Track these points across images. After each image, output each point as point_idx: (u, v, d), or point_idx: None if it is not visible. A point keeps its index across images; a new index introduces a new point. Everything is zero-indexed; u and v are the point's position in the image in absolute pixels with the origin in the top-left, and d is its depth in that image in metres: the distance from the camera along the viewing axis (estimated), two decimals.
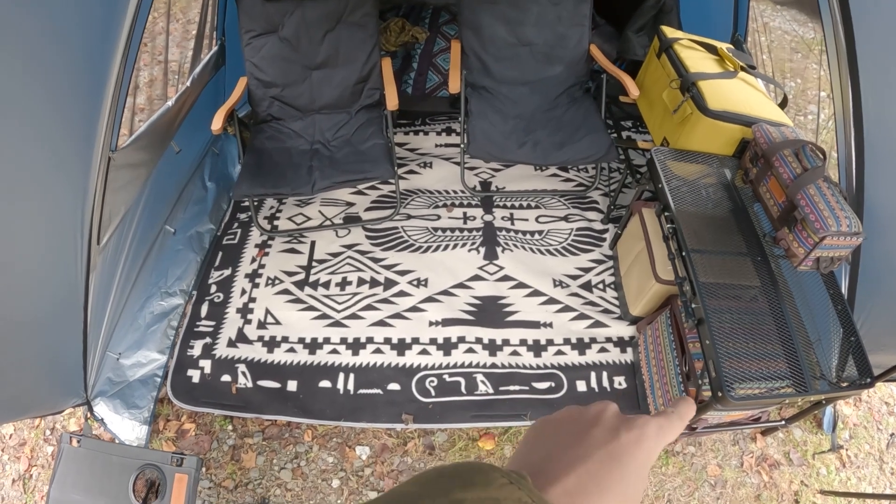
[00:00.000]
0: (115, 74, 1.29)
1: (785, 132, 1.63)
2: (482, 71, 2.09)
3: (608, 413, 0.31)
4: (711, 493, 1.68)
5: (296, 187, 1.81)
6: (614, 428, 0.29)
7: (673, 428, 0.32)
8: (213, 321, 1.85)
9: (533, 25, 2.04)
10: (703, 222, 1.59)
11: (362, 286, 1.91)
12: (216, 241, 2.07)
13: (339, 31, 1.98)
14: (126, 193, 1.61)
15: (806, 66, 2.95)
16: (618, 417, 0.30)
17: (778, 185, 1.55)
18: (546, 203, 2.18)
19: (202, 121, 1.93)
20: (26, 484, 1.70)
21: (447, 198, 2.19)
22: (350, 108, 2.06)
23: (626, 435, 0.29)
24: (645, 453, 0.29)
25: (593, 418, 0.30)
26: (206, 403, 1.69)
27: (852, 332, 1.44)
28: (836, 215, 1.40)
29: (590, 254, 2.02)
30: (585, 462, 0.27)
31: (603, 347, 1.80)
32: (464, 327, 1.81)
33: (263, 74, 1.98)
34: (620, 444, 0.28)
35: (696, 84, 1.72)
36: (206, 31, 1.99)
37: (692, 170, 1.72)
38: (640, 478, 0.28)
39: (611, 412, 0.31)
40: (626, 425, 0.30)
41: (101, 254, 1.53)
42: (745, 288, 1.49)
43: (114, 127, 1.39)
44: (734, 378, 1.28)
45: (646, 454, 0.29)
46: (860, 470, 1.80)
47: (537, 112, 2.07)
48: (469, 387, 1.70)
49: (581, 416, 0.30)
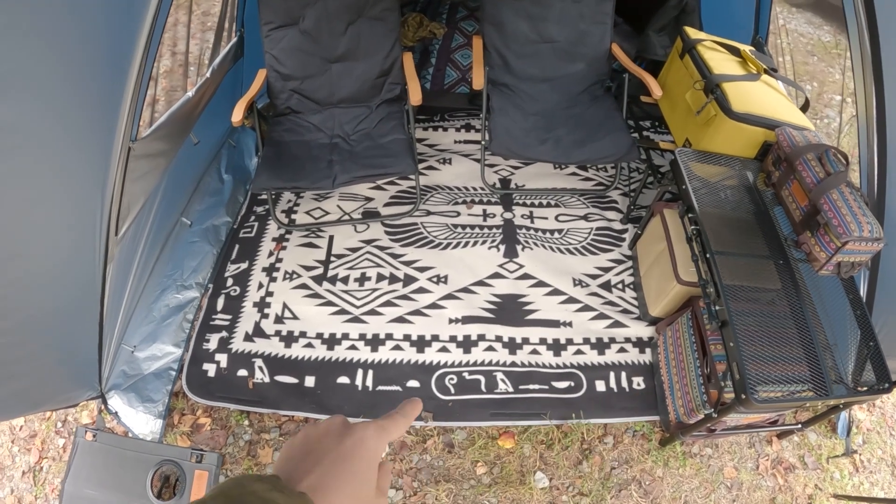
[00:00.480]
0: (137, 64, 1.28)
1: (808, 136, 1.63)
2: (503, 67, 2.08)
3: (334, 424, 0.37)
4: (728, 495, 1.68)
5: (315, 181, 1.79)
6: (339, 435, 0.36)
7: (397, 426, 0.39)
8: (229, 315, 1.83)
9: (555, 22, 2.03)
10: (725, 224, 1.59)
11: (381, 282, 1.90)
12: (233, 233, 2.05)
13: (359, 24, 1.97)
14: (144, 184, 1.59)
15: (822, 70, 2.96)
16: (342, 426, 0.37)
17: (801, 189, 1.55)
18: (565, 202, 2.17)
19: (220, 112, 1.91)
20: (36, 476, 1.68)
21: (466, 194, 2.18)
22: (370, 102, 2.05)
23: (350, 439, 0.36)
24: (368, 451, 0.36)
25: (324, 431, 0.37)
26: (222, 398, 1.68)
27: (871, 336, 1.44)
28: (858, 220, 1.40)
29: (609, 253, 2.02)
30: (320, 464, 0.34)
31: (622, 347, 1.80)
32: (484, 325, 1.80)
33: (283, 67, 1.96)
34: (345, 447, 0.35)
35: (719, 86, 1.72)
36: (225, 23, 1.97)
37: (715, 171, 1.72)
38: (368, 470, 0.35)
39: (336, 423, 0.37)
40: (348, 431, 0.36)
41: (118, 245, 1.51)
42: (767, 291, 1.49)
43: (135, 117, 1.37)
44: (757, 381, 1.28)
45: (369, 452, 0.36)
46: (873, 475, 1.81)
47: (558, 110, 2.06)
48: (489, 385, 1.69)
49: (314, 431, 0.37)
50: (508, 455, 1.65)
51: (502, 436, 1.67)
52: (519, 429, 1.68)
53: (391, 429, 0.38)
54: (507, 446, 1.66)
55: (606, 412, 1.69)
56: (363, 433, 0.36)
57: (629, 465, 1.68)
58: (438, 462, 1.64)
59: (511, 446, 1.66)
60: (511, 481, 1.61)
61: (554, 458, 1.66)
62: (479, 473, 1.62)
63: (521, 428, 1.68)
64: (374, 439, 0.36)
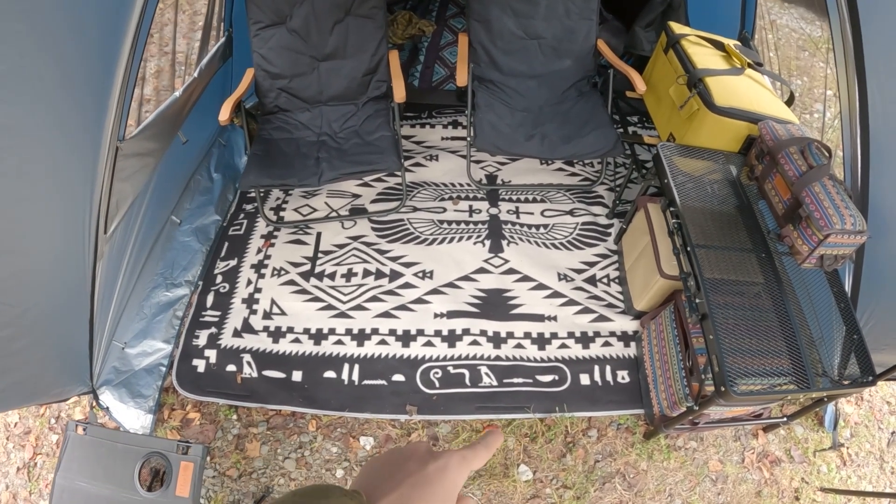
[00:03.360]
0: (124, 63, 1.30)
1: (791, 130, 1.64)
2: (490, 64, 2.09)
3: (419, 449, 0.38)
4: (713, 489, 1.69)
5: (302, 178, 1.81)
6: (423, 460, 0.37)
7: (478, 456, 0.39)
8: (218, 311, 1.86)
9: (542, 19, 2.04)
10: (708, 218, 1.59)
11: (368, 277, 1.92)
12: (222, 231, 2.07)
13: (347, 22, 1.98)
14: (134, 183, 1.62)
15: (812, 65, 2.95)
16: (427, 452, 0.38)
17: (783, 183, 1.56)
18: (551, 197, 2.18)
19: (209, 112, 1.94)
20: (31, 472, 1.71)
21: (453, 190, 2.19)
22: (357, 100, 2.07)
23: (433, 465, 0.36)
24: (449, 480, 0.36)
25: (408, 454, 0.38)
26: (211, 393, 1.70)
27: (855, 329, 1.44)
28: (840, 213, 1.41)
29: (595, 248, 2.03)
30: (401, 485, 0.35)
31: (607, 341, 1.81)
32: (469, 320, 1.82)
33: (271, 66, 1.98)
34: (427, 472, 0.36)
35: (703, 80, 1.72)
36: (213, 22, 1.99)
37: (698, 166, 1.73)
38: (446, 498, 0.36)
39: (421, 448, 0.38)
40: (433, 458, 0.37)
41: (108, 243, 1.54)
42: (750, 284, 1.50)
43: (122, 116, 1.39)
44: (737, 373, 1.28)
45: (450, 480, 0.36)
46: (861, 468, 1.81)
47: (545, 106, 2.07)
48: (473, 379, 1.70)
49: (398, 453, 0.38)
50: None
51: (486, 429, 1.68)
52: (503, 422, 1.70)
53: (473, 460, 0.39)
54: None
55: (591, 406, 1.70)
56: (447, 461, 0.37)
57: (613, 458, 1.69)
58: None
59: None
60: (495, 474, 1.63)
61: (538, 451, 1.67)
62: None
63: (505, 421, 1.70)
64: (456, 468, 0.37)
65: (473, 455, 0.39)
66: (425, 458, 0.37)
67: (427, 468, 0.36)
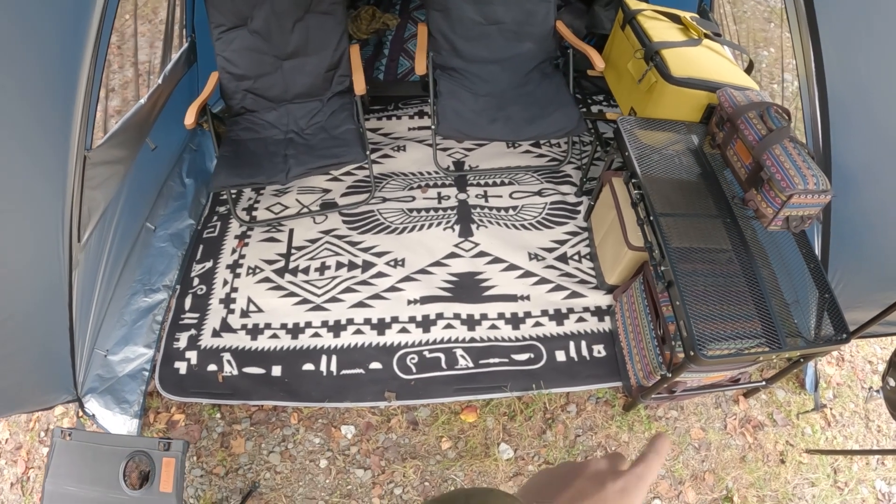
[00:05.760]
0: (86, 72, 1.31)
1: (750, 95, 1.64)
2: (451, 52, 2.10)
3: (599, 469, 0.37)
4: (696, 456, 1.70)
5: (270, 176, 1.83)
6: (601, 481, 0.35)
7: (652, 469, 0.38)
8: (197, 313, 1.88)
9: (501, 4, 2.05)
10: (673, 188, 1.60)
11: (341, 270, 1.94)
12: (196, 235, 2.09)
13: (307, 20, 2.00)
14: (105, 190, 1.63)
15: (779, 36, 2.95)
16: (607, 472, 0.36)
17: (744, 148, 1.57)
18: (520, 179, 2.19)
19: (178, 118, 1.95)
20: (24, 486, 1.73)
21: (421, 179, 2.21)
22: (322, 96, 2.08)
23: (612, 487, 0.35)
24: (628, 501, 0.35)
25: (587, 473, 0.36)
26: (195, 393, 1.73)
27: (826, 289, 1.45)
28: (802, 174, 1.41)
29: (564, 226, 2.04)
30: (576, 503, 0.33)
31: (581, 317, 1.82)
32: (442, 304, 1.83)
33: (235, 67, 2.00)
34: (606, 494, 0.34)
35: (659, 53, 1.73)
36: (175, 29, 2.01)
37: (660, 137, 1.74)
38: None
39: (601, 467, 0.37)
40: (612, 478, 0.35)
41: (82, 251, 1.55)
42: (718, 251, 1.51)
43: (87, 125, 1.41)
44: (708, 338, 1.29)
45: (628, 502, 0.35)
46: (846, 428, 1.81)
47: (508, 89, 2.08)
48: (449, 362, 1.72)
49: (576, 469, 0.36)
50: (472, 429, 1.68)
51: (465, 410, 1.70)
52: (481, 402, 1.71)
53: (648, 475, 0.37)
54: (469, 420, 1.69)
55: (568, 381, 1.71)
56: (626, 482, 0.36)
57: (594, 431, 1.70)
58: (404, 440, 1.67)
59: (474, 420, 1.69)
60: (476, 454, 1.64)
61: (517, 429, 1.68)
62: (445, 448, 1.65)
63: (483, 402, 1.71)
64: (635, 489, 0.36)
65: (648, 470, 0.38)
66: (604, 479, 0.35)
67: (606, 490, 0.35)
